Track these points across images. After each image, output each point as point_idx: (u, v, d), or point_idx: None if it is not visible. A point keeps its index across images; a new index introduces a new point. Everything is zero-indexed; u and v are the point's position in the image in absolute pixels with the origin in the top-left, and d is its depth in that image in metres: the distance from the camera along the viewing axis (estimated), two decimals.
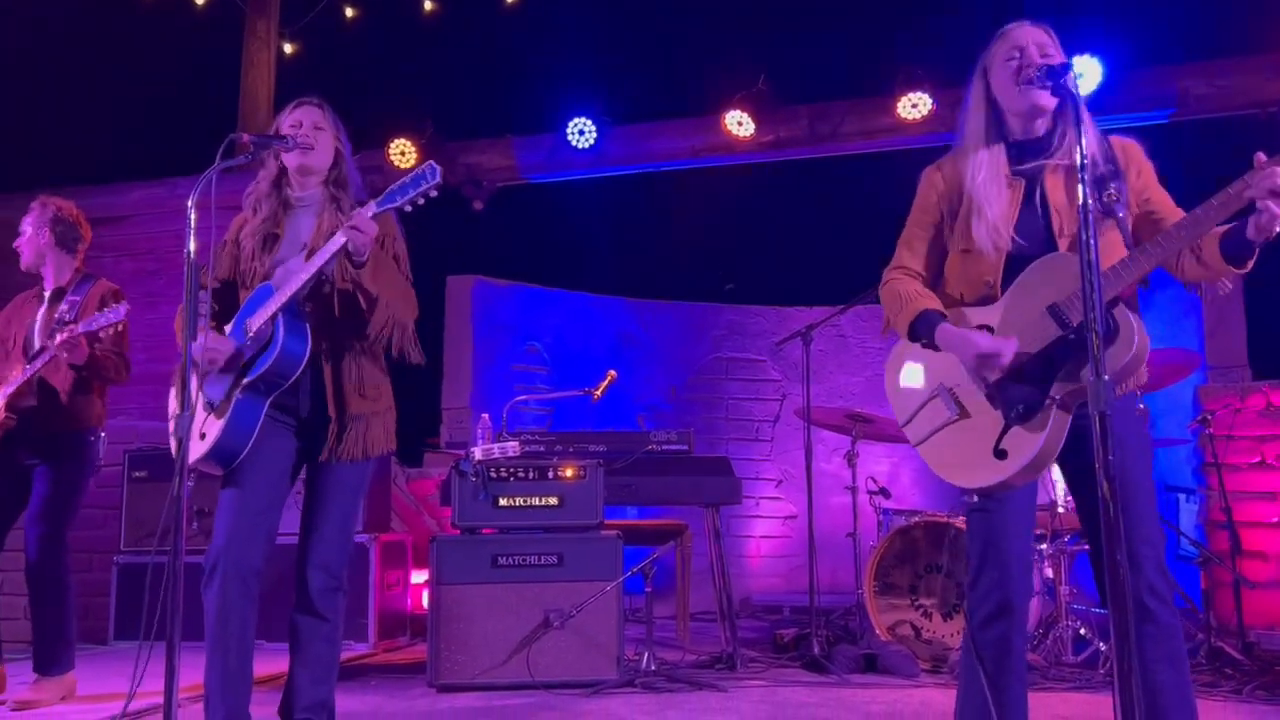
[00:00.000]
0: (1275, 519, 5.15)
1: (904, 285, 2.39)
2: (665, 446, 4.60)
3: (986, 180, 2.29)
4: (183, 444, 2.30)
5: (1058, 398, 2.13)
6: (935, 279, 2.43)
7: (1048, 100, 2.24)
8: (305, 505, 2.77)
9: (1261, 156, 1.98)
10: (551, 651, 3.80)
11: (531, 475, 3.96)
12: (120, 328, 3.59)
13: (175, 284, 6.28)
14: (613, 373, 4.48)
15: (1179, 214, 2.23)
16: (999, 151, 2.33)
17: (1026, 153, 2.32)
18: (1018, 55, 2.29)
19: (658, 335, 7.22)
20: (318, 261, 2.56)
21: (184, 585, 2.24)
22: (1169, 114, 5.61)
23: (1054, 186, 2.27)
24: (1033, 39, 2.30)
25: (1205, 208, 2.04)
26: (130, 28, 6.86)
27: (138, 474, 5.36)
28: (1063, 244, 2.23)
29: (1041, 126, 2.31)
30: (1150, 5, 5.73)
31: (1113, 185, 2.19)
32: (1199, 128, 5.64)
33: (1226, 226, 2.10)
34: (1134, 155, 2.31)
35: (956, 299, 2.35)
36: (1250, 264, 2.12)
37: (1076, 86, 2.15)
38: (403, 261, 2.81)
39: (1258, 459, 5.25)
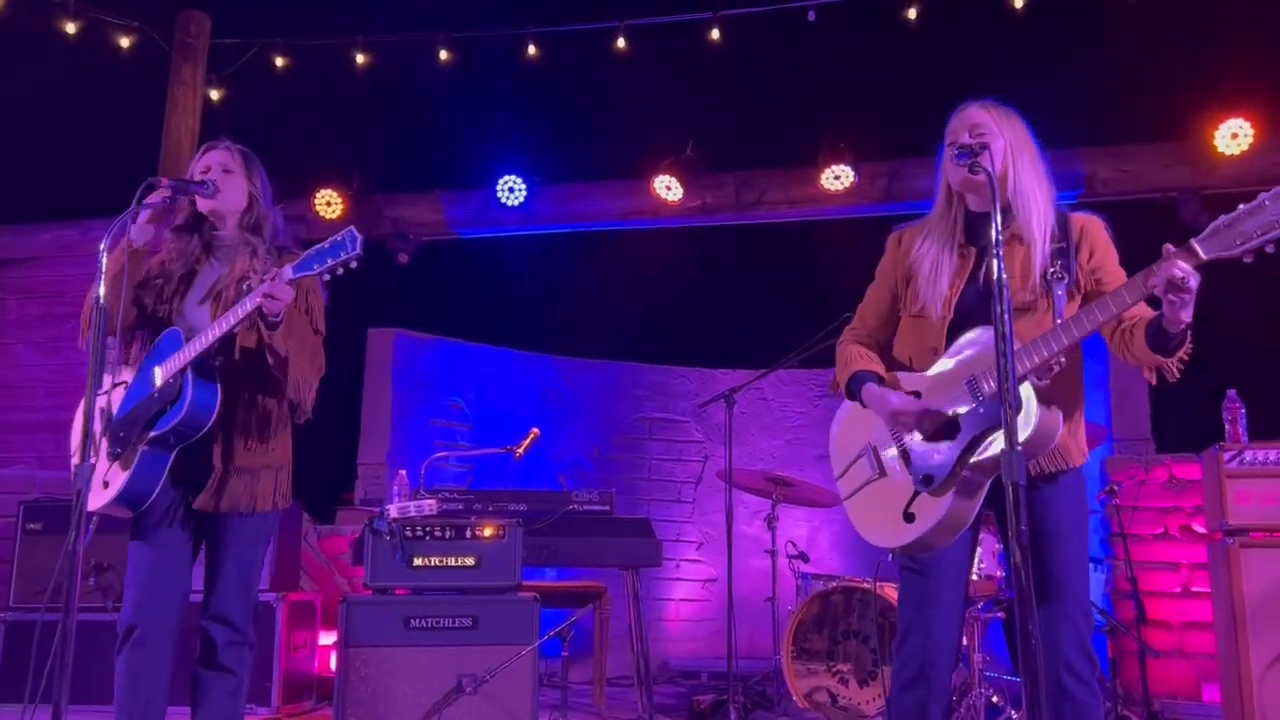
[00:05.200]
0: (1178, 589, 5.29)
1: (850, 347, 2.47)
2: (586, 507, 4.56)
3: (940, 250, 2.35)
4: (81, 494, 2.21)
5: (961, 467, 2.17)
6: (889, 341, 2.48)
7: (978, 180, 2.30)
8: (206, 560, 2.70)
9: (1169, 248, 2.01)
10: (463, 717, 3.69)
11: (448, 534, 3.87)
12: None
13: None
14: (535, 430, 4.44)
15: None
16: (956, 223, 2.39)
17: (980, 225, 2.36)
18: (952, 140, 2.36)
19: (582, 393, 7.19)
20: (230, 320, 2.52)
21: (75, 645, 2.13)
22: (1077, 194, 5.85)
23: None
24: (968, 122, 2.36)
25: (1113, 296, 2.08)
26: (49, 64, 6.70)
27: (32, 526, 5.11)
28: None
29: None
30: (1061, 89, 6.00)
31: (1059, 262, 2.23)
32: (1106, 209, 5.87)
33: (1153, 315, 2.12)
34: (1090, 233, 2.35)
35: (905, 363, 2.40)
36: (1180, 352, 2.12)
37: (995, 164, 2.22)
38: (316, 315, 2.77)
39: (1161, 530, 5.41)
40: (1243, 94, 5.47)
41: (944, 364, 2.28)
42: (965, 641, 4.34)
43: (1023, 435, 2.09)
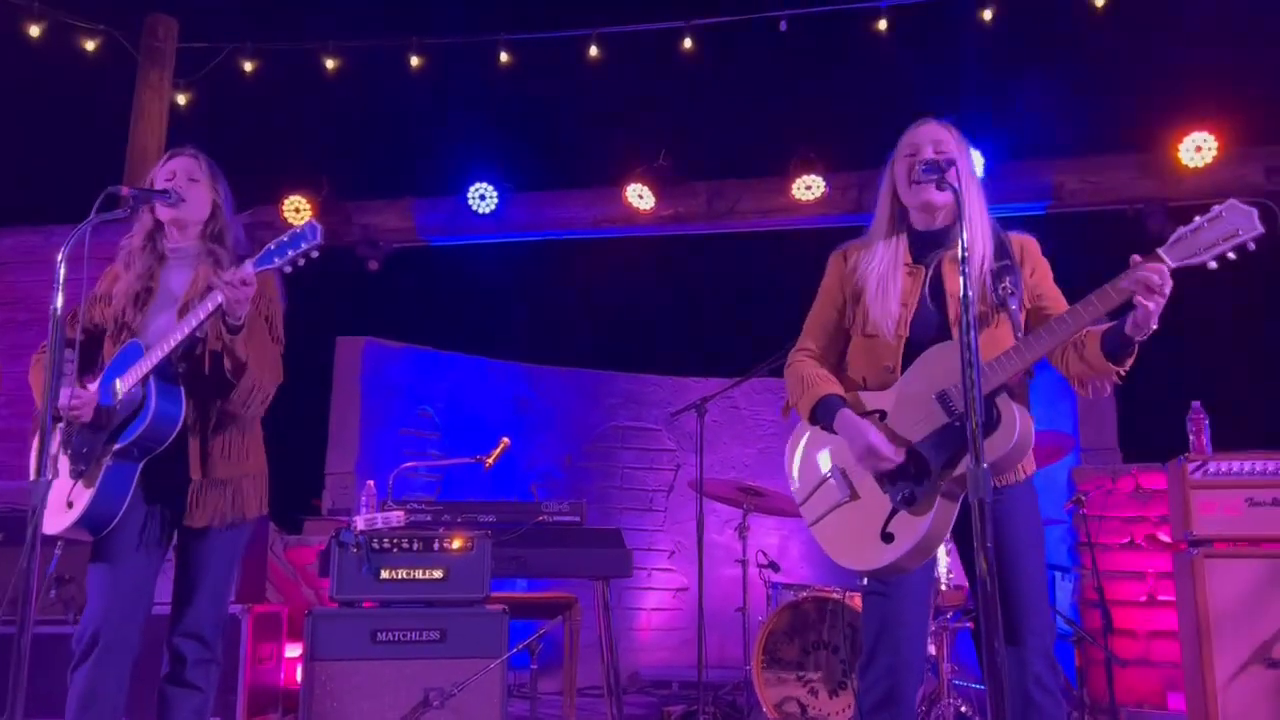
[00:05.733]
0: (1144, 598, 5.34)
1: (807, 369, 2.44)
2: (556, 517, 4.52)
3: (887, 269, 2.35)
4: (36, 511, 2.16)
5: (943, 483, 2.17)
6: (839, 361, 2.47)
7: (938, 197, 2.31)
8: (177, 573, 2.65)
9: (1136, 258, 2.07)
10: None
11: (416, 546, 3.83)
12: None
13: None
14: (505, 440, 4.41)
15: None
16: (901, 241, 2.40)
17: (927, 244, 2.39)
18: (912, 154, 2.36)
19: (553, 402, 7.16)
20: (191, 321, 2.46)
21: (30, 659, 2.09)
22: (1045, 206, 5.90)
23: (951, 276, 2.33)
24: (931, 137, 2.38)
25: (1084, 304, 2.12)
26: (13, 68, 6.61)
27: None
28: (958, 332, 2.28)
29: (941, 219, 2.38)
30: (1029, 101, 6.06)
31: (1007, 279, 2.26)
32: (1073, 220, 5.95)
33: (1107, 325, 2.18)
34: (1030, 251, 2.40)
35: (859, 382, 2.39)
36: (1129, 362, 2.21)
37: (960, 181, 2.23)
38: (275, 323, 2.72)
39: (1127, 539, 5.45)
40: (1207, 106, 5.53)
41: (907, 381, 2.28)
42: (934, 651, 4.35)
43: (1007, 446, 2.11)
